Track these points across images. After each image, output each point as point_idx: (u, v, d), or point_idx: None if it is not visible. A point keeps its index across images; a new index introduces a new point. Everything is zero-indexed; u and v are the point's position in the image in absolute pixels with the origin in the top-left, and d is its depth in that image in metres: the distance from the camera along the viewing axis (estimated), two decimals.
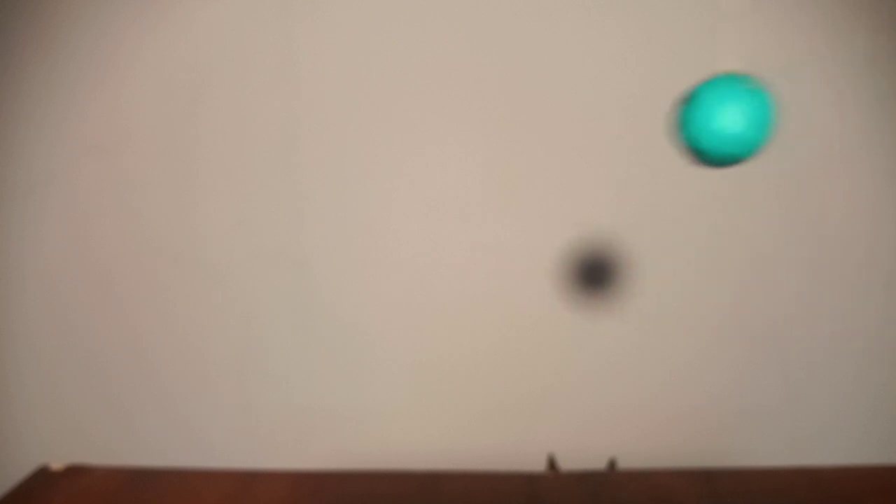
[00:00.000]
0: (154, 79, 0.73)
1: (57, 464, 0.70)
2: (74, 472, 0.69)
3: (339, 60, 0.72)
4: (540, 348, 0.76)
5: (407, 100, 0.72)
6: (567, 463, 0.74)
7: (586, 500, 0.65)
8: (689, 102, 0.39)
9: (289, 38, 0.72)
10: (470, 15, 0.70)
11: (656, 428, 0.77)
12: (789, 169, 0.73)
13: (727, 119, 0.38)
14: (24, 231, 0.75)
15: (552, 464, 0.74)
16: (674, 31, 0.71)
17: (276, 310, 0.76)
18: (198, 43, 0.72)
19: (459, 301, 0.75)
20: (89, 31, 0.72)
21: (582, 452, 0.74)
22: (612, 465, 0.75)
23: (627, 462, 0.75)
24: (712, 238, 0.74)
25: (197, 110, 0.73)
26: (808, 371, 0.76)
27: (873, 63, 0.70)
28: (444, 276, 0.75)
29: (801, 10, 0.70)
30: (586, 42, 0.71)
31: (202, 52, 0.72)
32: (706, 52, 0.72)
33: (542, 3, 0.70)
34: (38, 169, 0.74)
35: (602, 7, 0.71)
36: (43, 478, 0.68)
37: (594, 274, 0.75)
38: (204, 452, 0.76)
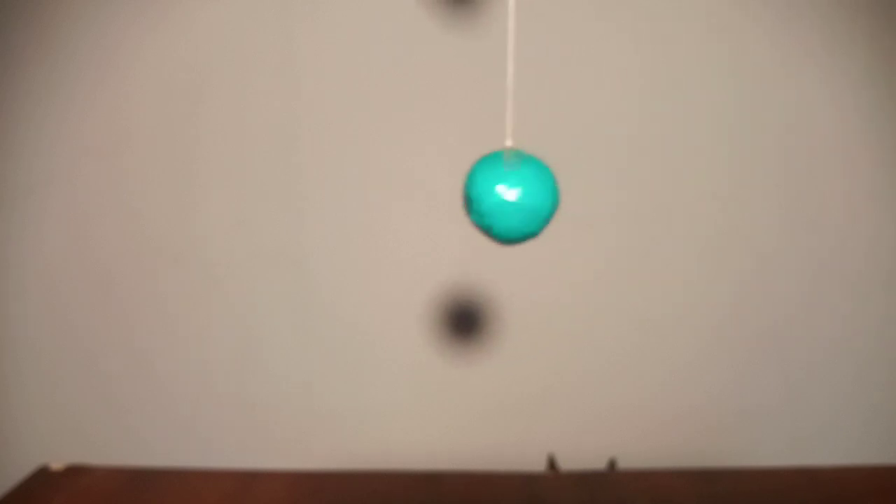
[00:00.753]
0: (154, 80, 0.73)
1: (57, 464, 0.70)
2: (74, 472, 0.69)
3: (340, 61, 0.72)
4: (540, 348, 0.76)
5: (407, 100, 0.72)
6: (567, 463, 0.74)
7: (586, 500, 0.65)
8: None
9: (289, 38, 0.72)
10: (470, 15, 0.71)
11: (656, 428, 0.77)
12: (789, 169, 0.73)
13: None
14: (23, 231, 0.75)
15: (552, 464, 0.74)
16: (673, 34, 0.71)
17: (276, 309, 0.76)
18: (197, 44, 0.72)
19: (459, 301, 0.75)
20: (89, 31, 0.72)
21: (582, 453, 0.75)
22: (611, 465, 0.75)
23: (627, 462, 0.75)
24: (712, 238, 0.74)
25: (197, 111, 0.73)
26: (808, 371, 0.76)
27: (873, 63, 0.71)
28: (444, 276, 0.75)
29: (800, 10, 0.70)
30: (587, 44, 0.72)
31: (202, 52, 0.72)
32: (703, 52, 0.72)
33: (542, 6, 0.71)
34: (38, 169, 0.74)
35: (606, 9, 0.71)
36: (43, 478, 0.69)
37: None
38: (204, 452, 0.77)
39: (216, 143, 0.74)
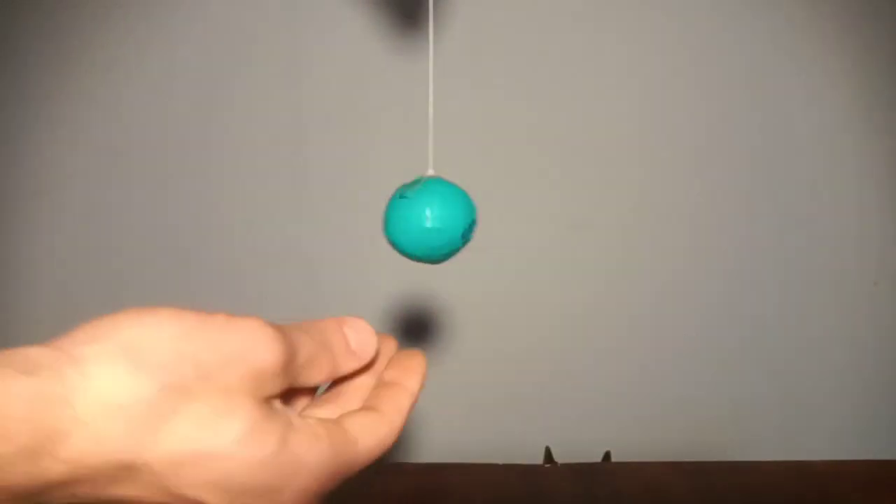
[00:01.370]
0: (164, 84, 0.74)
1: None
2: None
3: (344, 63, 0.73)
4: (537, 345, 0.77)
5: (408, 102, 0.73)
6: (563, 456, 0.75)
7: (582, 491, 0.65)
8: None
9: (295, 43, 0.73)
10: (470, 16, 0.72)
11: (651, 425, 0.77)
12: (781, 167, 0.74)
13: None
14: (37, 230, 0.76)
15: (549, 456, 0.75)
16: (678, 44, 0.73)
17: (282, 308, 0.77)
18: (206, 49, 0.73)
19: (458, 298, 0.76)
20: (104, 37, 0.73)
21: (578, 446, 0.75)
22: (606, 457, 0.76)
23: (622, 456, 0.76)
24: (704, 238, 0.75)
25: (206, 114, 0.74)
26: (799, 368, 0.77)
27: (861, 66, 0.72)
28: (442, 273, 0.76)
29: (795, 15, 0.71)
30: (586, 48, 0.73)
31: (211, 58, 0.73)
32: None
33: (541, 11, 0.72)
34: (51, 170, 0.75)
35: (602, 13, 0.72)
36: None
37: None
38: None
39: (224, 146, 0.75)
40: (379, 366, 0.32)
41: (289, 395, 0.29)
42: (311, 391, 0.31)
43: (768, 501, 0.64)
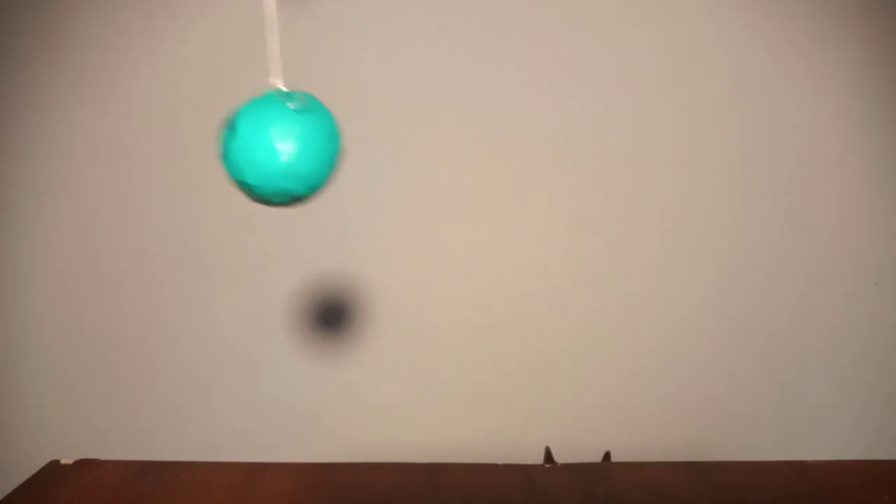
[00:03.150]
0: (160, 86, 0.74)
1: (66, 458, 0.71)
2: (84, 466, 0.70)
3: (343, 67, 0.73)
4: (538, 345, 0.77)
5: (408, 103, 0.74)
6: (563, 456, 0.75)
7: (582, 491, 0.65)
8: (231, 130, 0.30)
9: (294, 44, 0.73)
10: (468, 25, 0.72)
11: (651, 425, 0.78)
12: (782, 171, 0.74)
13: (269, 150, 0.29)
14: (36, 232, 0.76)
15: (549, 456, 0.75)
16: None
17: (282, 309, 0.77)
18: (202, 50, 0.74)
19: (459, 299, 0.76)
20: (99, 41, 0.73)
21: (578, 446, 0.75)
22: (606, 457, 0.76)
23: (622, 456, 0.76)
24: (705, 241, 0.76)
25: (202, 116, 0.74)
26: (799, 367, 0.77)
27: (866, 71, 0.72)
28: (443, 274, 0.76)
29: (795, 16, 0.72)
30: (585, 45, 0.73)
31: (207, 59, 0.74)
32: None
33: (541, 9, 0.72)
34: (51, 172, 0.75)
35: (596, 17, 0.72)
36: (53, 471, 0.69)
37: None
38: (212, 448, 0.77)
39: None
40: None
41: None
42: None
43: (768, 501, 0.64)
